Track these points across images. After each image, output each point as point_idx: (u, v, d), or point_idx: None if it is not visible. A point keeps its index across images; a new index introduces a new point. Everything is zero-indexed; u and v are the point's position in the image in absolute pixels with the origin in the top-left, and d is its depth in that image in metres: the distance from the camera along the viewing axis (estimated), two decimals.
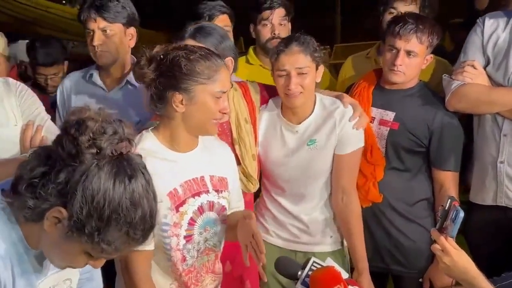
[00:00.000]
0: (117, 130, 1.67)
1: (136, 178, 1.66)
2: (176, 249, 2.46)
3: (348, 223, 3.10)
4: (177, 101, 2.37)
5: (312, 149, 3.04)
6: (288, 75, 2.91)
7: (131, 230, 1.66)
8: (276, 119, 3.11)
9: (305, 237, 3.14)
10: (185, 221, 2.47)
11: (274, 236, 3.20)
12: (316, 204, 3.12)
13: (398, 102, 3.26)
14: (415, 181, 3.30)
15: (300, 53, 2.90)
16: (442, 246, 2.14)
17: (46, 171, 1.65)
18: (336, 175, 3.06)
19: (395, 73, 3.19)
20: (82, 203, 1.61)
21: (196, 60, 2.35)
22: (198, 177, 2.51)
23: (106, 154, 1.64)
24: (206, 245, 2.55)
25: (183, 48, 2.40)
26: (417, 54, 3.15)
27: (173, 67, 2.34)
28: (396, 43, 3.15)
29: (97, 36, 3.21)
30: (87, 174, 1.61)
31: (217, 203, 2.55)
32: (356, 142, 3.06)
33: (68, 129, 1.65)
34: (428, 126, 3.21)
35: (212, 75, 2.37)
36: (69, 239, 1.66)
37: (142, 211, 1.67)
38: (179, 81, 2.35)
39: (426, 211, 3.31)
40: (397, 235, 3.31)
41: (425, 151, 3.25)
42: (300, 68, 2.90)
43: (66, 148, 1.63)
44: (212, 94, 2.38)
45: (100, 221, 1.62)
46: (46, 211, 1.65)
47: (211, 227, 2.54)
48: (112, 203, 1.62)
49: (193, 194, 2.48)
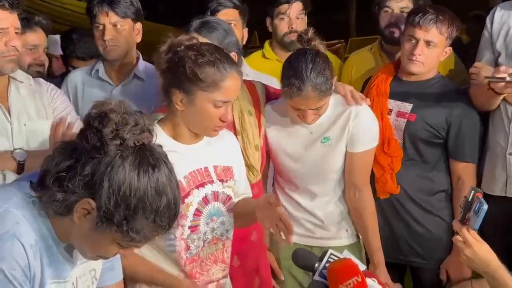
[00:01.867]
0: (138, 121, 1.70)
1: (159, 167, 1.70)
2: (180, 238, 2.47)
3: (362, 218, 3.11)
4: (178, 99, 2.37)
5: (326, 146, 3.04)
6: (304, 111, 2.89)
7: (157, 217, 1.70)
8: (287, 115, 3.08)
9: (321, 232, 3.15)
10: (190, 212, 2.48)
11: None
12: (330, 199, 3.12)
13: (415, 94, 3.26)
14: (433, 172, 3.30)
15: (314, 98, 2.83)
16: (464, 238, 2.13)
17: (72, 164, 1.69)
18: (348, 172, 3.06)
19: (414, 63, 3.18)
20: (109, 193, 1.65)
21: (202, 65, 2.32)
22: (202, 167, 2.51)
23: (129, 145, 1.68)
24: (214, 234, 2.55)
25: (195, 49, 2.36)
26: (436, 44, 3.15)
27: (179, 66, 2.34)
28: (415, 33, 3.15)
29: (108, 31, 3.22)
30: (112, 165, 1.65)
31: (221, 193, 2.55)
32: (369, 142, 3.05)
33: (92, 122, 1.69)
34: (446, 117, 3.21)
35: (216, 84, 2.33)
36: (99, 230, 1.70)
37: (167, 199, 1.71)
38: (181, 81, 2.35)
39: (444, 202, 3.32)
40: (415, 227, 3.32)
41: (443, 143, 3.25)
42: (316, 108, 2.89)
43: (91, 141, 1.67)
44: (212, 102, 2.36)
45: (127, 210, 1.66)
46: (74, 204, 1.69)
47: (218, 216, 2.54)
48: (138, 193, 1.66)
49: (197, 185, 2.48)
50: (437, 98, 3.24)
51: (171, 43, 2.37)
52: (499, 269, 2.16)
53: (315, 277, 2.11)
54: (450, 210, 3.30)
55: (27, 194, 1.76)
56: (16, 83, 2.66)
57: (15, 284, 1.71)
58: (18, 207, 1.74)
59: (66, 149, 1.74)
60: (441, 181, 3.31)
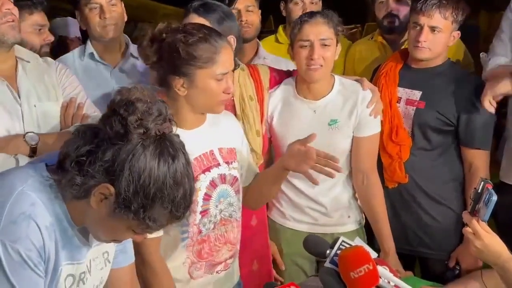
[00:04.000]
0: (162, 110, 1.73)
1: (178, 158, 1.73)
2: (192, 224, 2.49)
3: (371, 205, 3.12)
4: (179, 85, 2.38)
5: (333, 129, 3.04)
6: (311, 46, 2.93)
7: (174, 207, 1.73)
8: (291, 98, 3.11)
9: (324, 219, 3.15)
10: (200, 198, 2.49)
11: (291, 220, 3.22)
12: (333, 184, 3.10)
13: (425, 81, 3.25)
14: (443, 161, 3.29)
15: (324, 25, 2.94)
16: (474, 229, 2.14)
17: (93, 149, 1.71)
18: (355, 158, 3.07)
19: (420, 49, 3.18)
20: (129, 181, 1.67)
21: (194, 44, 2.34)
22: (207, 151, 2.53)
23: (151, 134, 1.70)
24: (222, 216, 2.57)
25: (182, 31, 2.38)
26: (441, 29, 3.14)
27: (172, 52, 2.34)
28: (419, 20, 3.15)
29: (107, 9, 3.22)
30: (133, 153, 1.67)
31: (228, 175, 2.57)
32: (377, 125, 3.08)
33: (117, 109, 1.71)
34: (456, 104, 3.20)
35: (212, 58, 2.35)
36: (116, 215, 1.72)
37: (184, 190, 1.73)
38: (178, 66, 2.35)
39: (455, 192, 3.31)
40: (424, 217, 3.32)
41: (454, 130, 3.23)
42: (323, 39, 2.93)
43: (114, 127, 1.69)
44: (213, 77, 2.37)
45: (146, 199, 1.69)
46: (93, 188, 1.71)
47: (225, 198, 2.57)
48: (157, 182, 1.68)
49: (203, 170, 2.49)
50: (446, 85, 3.23)
51: (152, 35, 2.38)
52: (510, 261, 2.16)
53: (326, 264, 2.11)
54: (460, 200, 3.28)
55: (45, 177, 1.79)
56: (23, 63, 2.63)
57: (30, 265, 1.74)
58: (34, 189, 1.76)
59: (87, 133, 1.75)
60: (452, 170, 3.30)
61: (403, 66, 3.34)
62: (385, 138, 3.21)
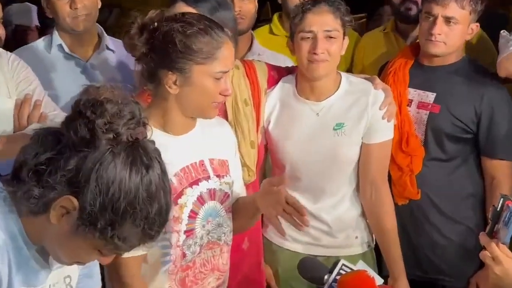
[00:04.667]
0: (135, 113, 1.66)
1: (153, 168, 1.66)
2: (175, 246, 2.37)
3: (380, 222, 2.96)
4: (170, 81, 2.27)
5: (339, 134, 2.88)
6: (314, 38, 2.79)
7: (147, 225, 1.66)
8: (290, 99, 2.96)
9: (327, 239, 2.99)
10: (185, 215, 2.36)
11: (290, 240, 3.03)
12: (339, 200, 2.96)
13: (439, 81, 3.10)
14: (461, 173, 3.14)
15: (329, 14, 2.80)
16: (492, 253, 2.02)
17: (54, 156, 1.63)
18: (363, 167, 2.92)
19: (433, 43, 3.03)
20: (96, 193, 1.60)
21: (193, 36, 2.23)
22: (197, 161, 2.40)
23: (122, 140, 1.63)
24: (209, 238, 2.45)
25: (180, 20, 2.27)
26: (457, 21, 2.99)
27: (167, 43, 2.23)
28: (432, 9, 3.00)
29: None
30: (101, 161, 1.60)
31: (219, 190, 2.45)
32: (389, 131, 2.93)
33: (83, 110, 1.62)
34: (476, 108, 3.05)
35: (213, 53, 2.25)
36: (79, 233, 1.65)
37: (159, 205, 1.67)
38: (172, 60, 2.24)
39: (474, 209, 3.16)
40: (438, 238, 3.17)
41: (473, 138, 3.10)
42: (329, 31, 2.78)
43: (80, 132, 1.61)
44: (211, 75, 2.27)
45: (114, 215, 1.61)
46: (53, 201, 1.63)
47: (214, 217, 2.45)
48: (128, 195, 1.61)
49: (191, 183, 2.37)
50: (464, 85, 3.09)
51: (142, 23, 2.27)
52: None
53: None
54: (480, 219, 3.14)
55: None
56: None
57: None
58: None
59: (47, 138, 1.67)
60: (470, 184, 3.16)
61: (413, 63, 3.19)
62: (394, 147, 3.04)
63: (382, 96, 2.89)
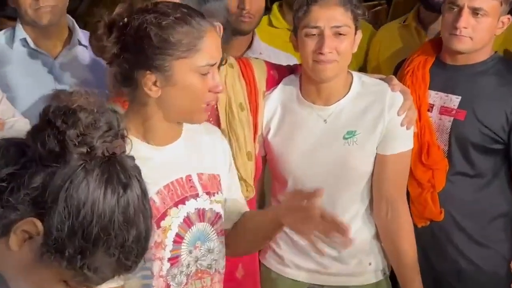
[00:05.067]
0: (112, 124, 1.57)
1: (131, 188, 1.57)
2: (158, 276, 2.26)
3: (397, 245, 2.82)
4: (149, 82, 2.14)
5: (350, 143, 2.73)
6: (321, 35, 2.64)
7: (122, 254, 1.56)
8: (294, 103, 2.83)
9: (336, 266, 2.85)
10: (169, 240, 2.25)
11: (292, 267, 2.91)
12: (349, 220, 2.77)
13: (465, 83, 2.95)
14: (490, 190, 2.98)
15: (338, 7, 2.66)
16: None
17: (17, 172, 1.55)
18: (378, 182, 2.78)
19: (458, 39, 2.87)
20: (64, 216, 1.50)
21: (170, 27, 2.12)
22: (183, 177, 2.28)
23: (97, 154, 1.54)
24: (198, 266, 2.33)
25: (153, 10, 2.15)
26: (487, 12, 2.84)
27: (140, 38, 2.11)
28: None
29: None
30: (71, 179, 1.51)
31: (209, 210, 2.32)
32: (408, 141, 2.79)
33: (52, 119, 1.53)
34: (507, 114, 2.88)
35: (194, 45, 2.13)
36: (44, 262, 1.54)
37: (137, 231, 1.57)
38: (149, 57, 2.13)
39: (506, 232, 3.00)
40: (464, 264, 3.01)
41: (504, 149, 2.93)
42: (337, 26, 2.64)
43: (48, 145, 1.52)
44: (196, 70, 2.15)
45: (85, 241, 1.52)
46: (14, 224, 1.53)
47: (203, 242, 2.33)
48: (102, 219, 1.52)
49: (176, 202, 2.26)
50: (494, 88, 2.93)
51: (109, 20, 2.15)
52: None
53: None
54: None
55: None
56: None
57: None
58: None
59: (9, 150, 1.59)
60: (502, 202, 2.99)
61: (435, 61, 3.03)
62: (413, 159, 2.89)
63: (401, 99, 2.74)
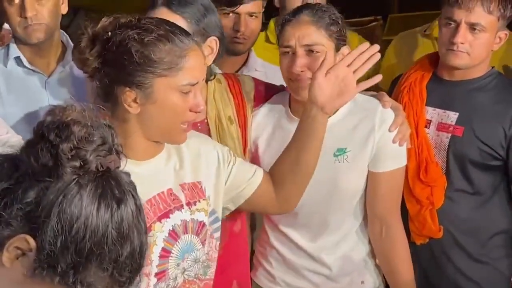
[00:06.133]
0: (106, 138, 1.58)
1: (125, 203, 1.58)
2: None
3: (392, 265, 2.79)
4: (129, 99, 2.14)
5: (341, 161, 2.70)
6: (294, 53, 2.67)
7: (116, 270, 1.57)
8: (283, 120, 2.82)
9: (328, 284, 2.84)
10: (155, 255, 2.25)
11: (283, 286, 2.90)
12: (342, 237, 2.80)
13: (462, 98, 2.94)
14: (490, 207, 2.96)
15: (310, 25, 2.65)
16: None
17: (10, 187, 1.55)
18: (371, 200, 2.75)
19: (455, 54, 2.86)
20: (57, 231, 1.51)
21: (152, 43, 2.12)
22: (164, 191, 2.28)
23: (91, 169, 1.56)
24: (185, 277, 2.33)
25: (136, 26, 2.14)
26: (484, 28, 2.83)
27: (121, 54, 2.11)
28: (454, 14, 2.84)
29: (30, 5, 2.87)
30: (64, 193, 1.52)
31: (191, 221, 2.31)
32: (401, 158, 2.74)
33: (46, 133, 1.55)
34: (505, 130, 2.87)
35: (176, 63, 2.13)
36: (36, 278, 1.54)
37: (131, 246, 1.58)
38: (130, 74, 2.12)
39: (506, 249, 2.97)
40: (463, 282, 2.98)
41: (502, 165, 2.91)
42: (309, 45, 2.63)
43: (42, 159, 1.53)
44: (176, 89, 2.14)
45: (78, 257, 1.52)
46: (6, 240, 1.53)
47: (190, 253, 2.33)
48: (95, 234, 1.53)
49: (159, 217, 2.25)
50: (491, 104, 2.92)
51: (93, 33, 2.15)
52: None
53: None
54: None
55: None
56: None
57: None
58: None
59: (3, 165, 1.60)
60: (501, 219, 2.97)
61: (431, 77, 3.03)
62: (411, 176, 2.89)
63: (392, 115, 2.72)
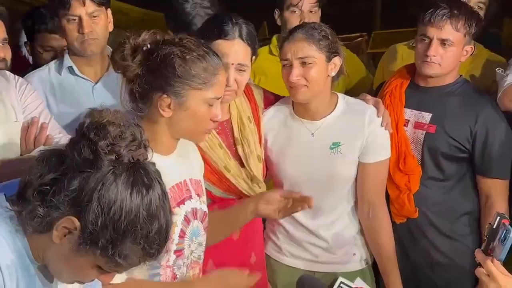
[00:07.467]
0: (136, 135, 1.71)
1: (153, 188, 1.70)
2: (166, 266, 2.36)
3: (378, 241, 3.01)
4: (164, 104, 2.27)
5: (335, 153, 2.92)
6: (290, 65, 2.85)
7: (147, 244, 1.69)
8: (287, 118, 3.02)
9: (325, 255, 3.03)
10: (176, 234, 2.37)
11: (288, 256, 3.09)
12: (337, 217, 3.01)
13: (435, 101, 3.14)
14: (457, 192, 3.16)
15: (302, 41, 2.83)
16: (488, 270, 2.02)
17: (58, 177, 1.68)
18: (361, 187, 2.97)
19: (429, 65, 3.06)
20: (98, 213, 1.64)
21: (192, 61, 2.25)
22: (181, 181, 2.42)
23: (124, 161, 1.68)
24: (192, 258, 2.46)
25: (179, 44, 2.28)
26: (452, 43, 3.04)
27: (165, 66, 2.24)
28: (428, 32, 3.04)
29: (87, 23, 3.03)
30: (103, 182, 1.64)
31: (199, 209, 2.46)
32: (385, 150, 2.98)
33: (87, 132, 1.68)
34: (471, 128, 3.08)
35: (209, 80, 2.27)
36: (81, 252, 1.68)
37: (159, 224, 1.70)
38: (169, 83, 2.25)
39: (470, 227, 3.18)
40: (436, 256, 3.18)
41: (468, 157, 3.12)
42: (302, 58, 2.82)
43: (83, 154, 1.66)
44: (205, 101, 2.29)
45: (116, 233, 1.65)
46: (56, 221, 1.67)
47: (196, 237, 2.46)
48: (129, 214, 1.65)
49: (178, 202, 2.38)
50: (459, 106, 3.13)
51: (135, 44, 2.27)
52: None
53: None
54: (476, 236, 3.15)
55: (4, 208, 1.74)
56: None
57: None
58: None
59: (52, 159, 1.71)
60: (467, 202, 3.17)
61: (409, 84, 3.23)
62: (392, 166, 3.08)
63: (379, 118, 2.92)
